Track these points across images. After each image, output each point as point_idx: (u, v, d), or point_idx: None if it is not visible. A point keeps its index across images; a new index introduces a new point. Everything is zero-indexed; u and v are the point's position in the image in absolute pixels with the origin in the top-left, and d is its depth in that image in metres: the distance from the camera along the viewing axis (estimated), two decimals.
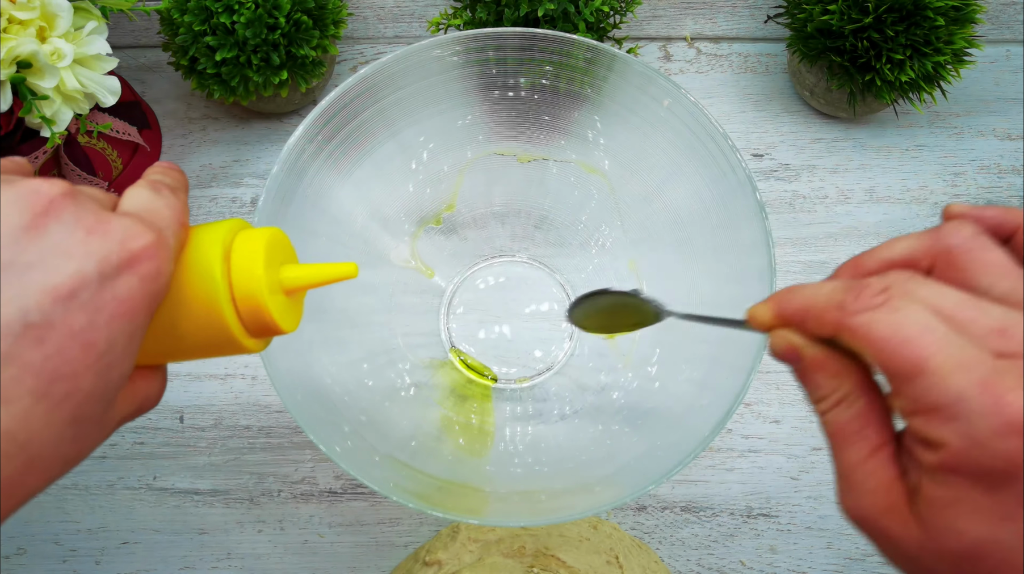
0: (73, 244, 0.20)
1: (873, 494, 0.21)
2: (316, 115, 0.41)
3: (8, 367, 0.18)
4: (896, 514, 0.20)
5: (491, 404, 0.52)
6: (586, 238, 0.53)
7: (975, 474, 0.19)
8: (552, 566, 0.47)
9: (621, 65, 0.42)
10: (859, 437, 0.21)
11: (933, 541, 0.20)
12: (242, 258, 0.25)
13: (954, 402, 0.18)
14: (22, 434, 0.19)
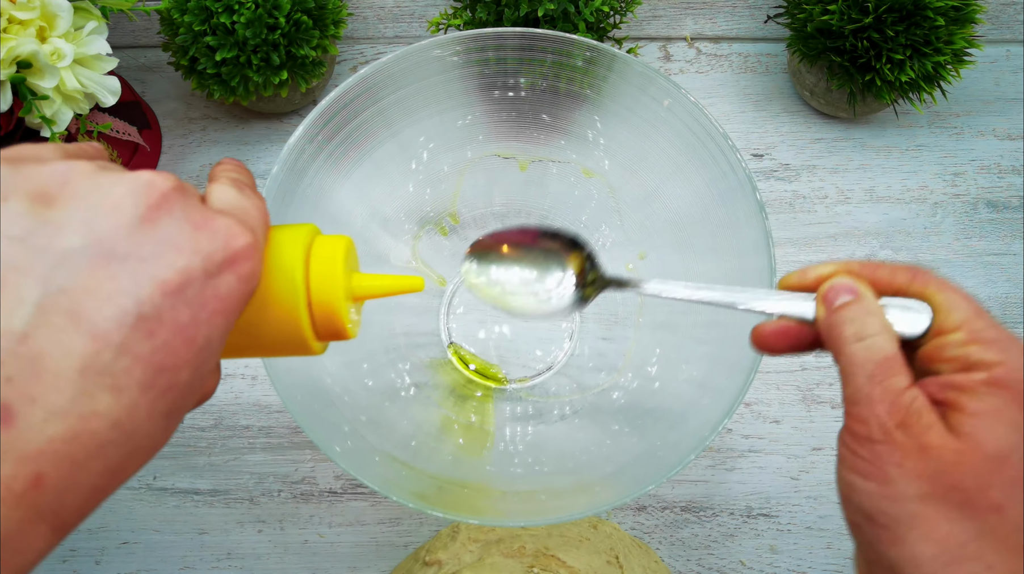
0: (182, 240, 0.20)
1: (917, 413, 0.24)
2: (316, 115, 0.41)
3: (121, 358, 0.19)
4: (936, 428, 0.23)
5: (491, 404, 0.52)
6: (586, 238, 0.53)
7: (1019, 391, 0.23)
8: (552, 566, 0.47)
9: (621, 65, 0.42)
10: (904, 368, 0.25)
11: (971, 447, 0.23)
12: (322, 264, 0.26)
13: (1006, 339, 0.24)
14: (129, 424, 0.19)
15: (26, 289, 0.18)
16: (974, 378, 0.23)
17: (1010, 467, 0.22)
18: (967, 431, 0.23)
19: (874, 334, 0.25)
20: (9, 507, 0.17)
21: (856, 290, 0.26)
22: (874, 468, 0.24)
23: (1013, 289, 0.56)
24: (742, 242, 0.41)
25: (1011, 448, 0.22)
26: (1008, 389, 0.23)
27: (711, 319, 0.44)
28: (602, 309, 0.53)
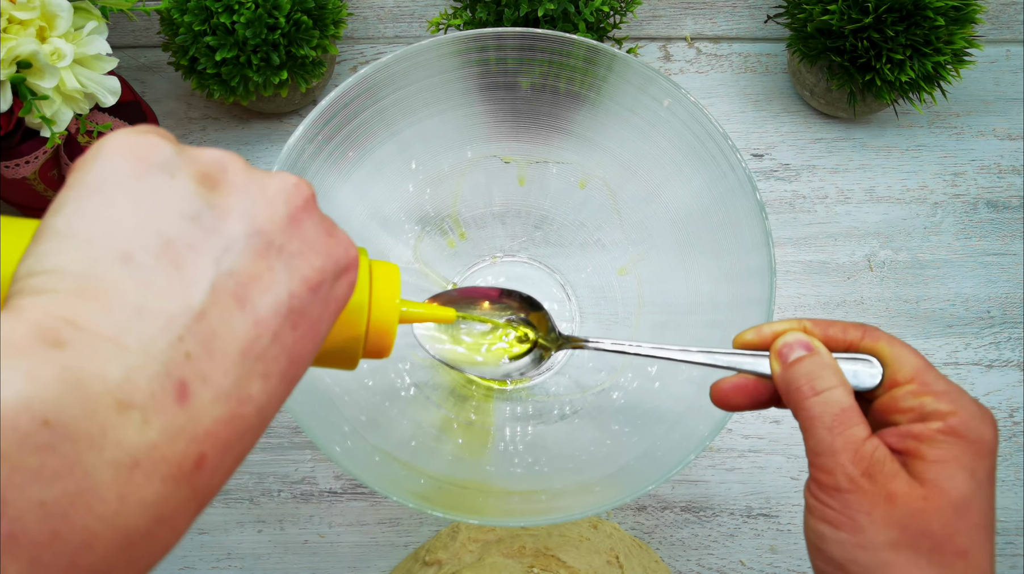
0: (320, 243, 0.21)
1: (881, 462, 0.24)
2: (316, 115, 0.41)
3: (273, 346, 0.19)
4: (901, 477, 0.24)
5: (491, 404, 0.52)
6: (586, 238, 0.53)
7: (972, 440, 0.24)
8: (552, 566, 0.47)
9: (621, 65, 0.42)
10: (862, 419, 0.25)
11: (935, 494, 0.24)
12: (383, 288, 0.28)
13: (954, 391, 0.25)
14: (267, 412, 0.20)
15: (201, 268, 0.18)
16: (931, 427, 0.24)
17: (973, 513, 0.23)
18: (930, 478, 0.24)
19: (830, 387, 0.26)
20: (177, 486, 0.17)
21: (810, 345, 0.27)
22: (844, 517, 0.25)
23: (1013, 289, 0.56)
24: (742, 242, 0.41)
25: (972, 494, 0.24)
26: (963, 438, 0.24)
27: (711, 319, 0.44)
28: (602, 309, 0.53)
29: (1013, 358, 0.55)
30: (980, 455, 0.24)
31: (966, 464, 0.24)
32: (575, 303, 0.54)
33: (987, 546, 0.24)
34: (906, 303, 0.56)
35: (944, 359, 0.55)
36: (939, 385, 0.25)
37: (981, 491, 0.24)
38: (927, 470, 0.24)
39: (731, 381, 0.30)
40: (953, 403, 0.25)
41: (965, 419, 0.24)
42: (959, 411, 0.24)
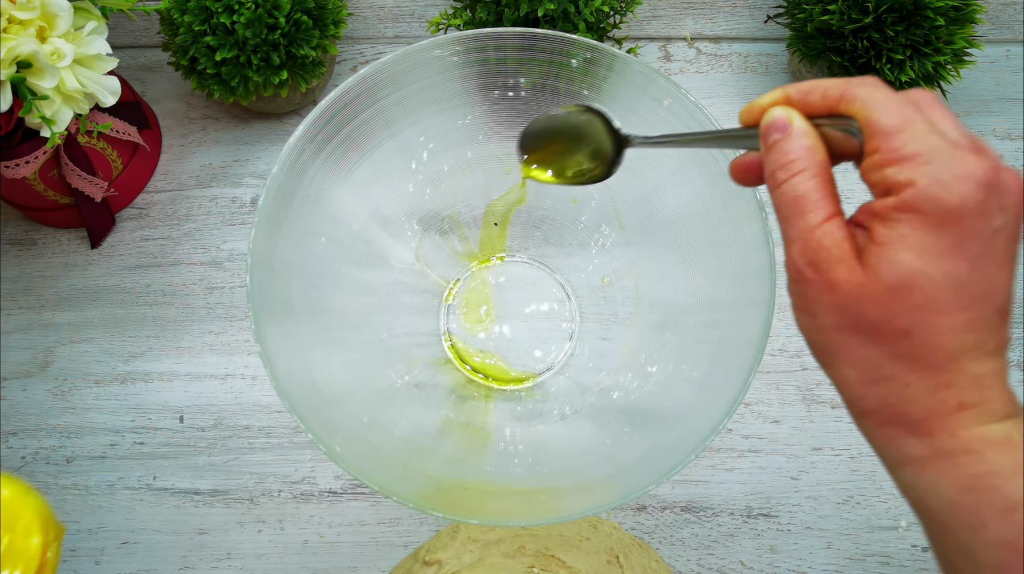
0: None
1: (827, 249, 0.24)
2: (316, 115, 0.41)
3: None
4: (843, 262, 0.24)
5: (491, 404, 0.52)
6: (586, 238, 0.53)
7: (927, 212, 0.22)
8: (552, 566, 0.47)
9: (621, 65, 0.42)
10: (819, 204, 0.24)
11: (872, 279, 0.23)
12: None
13: (928, 150, 0.22)
14: None
15: None
16: (887, 203, 0.23)
17: (914, 293, 0.22)
18: (871, 263, 0.23)
19: (788, 177, 0.25)
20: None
21: (786, 125, 0.26)
22: (803, 303, 0.25)
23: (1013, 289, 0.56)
24: (742, 242, 0.41)
25: (914, 275, 0.22)
26: (917, 211, 0.22)
27: (711, 319, 0.44)
28: (602, 309, 0.53)
29: (1013, 358, 0.55)
30: (939, 226, 0.22)
31: (914, 243, 0.22)
32: (575, 303, 0.55)
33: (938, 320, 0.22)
34: None
35: None
36: (909, 147, 0.23)
37: (936, 265, 0.22)
38: (871, 254, 0.23)
39: (743, 159, 0.29)
40: (918, 169, 0.22)
41: (924, 189, 0.22)
42: (919, 180, 0.22)
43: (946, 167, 0.22)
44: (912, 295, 0.22)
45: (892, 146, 0.23)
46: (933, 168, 0.22)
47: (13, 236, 0.58)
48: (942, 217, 0.22)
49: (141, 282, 0.57)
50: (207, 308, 0.56)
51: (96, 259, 0.58)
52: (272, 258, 0.41)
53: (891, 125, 0.23)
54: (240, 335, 0.56)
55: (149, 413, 0.54)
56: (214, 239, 0.58)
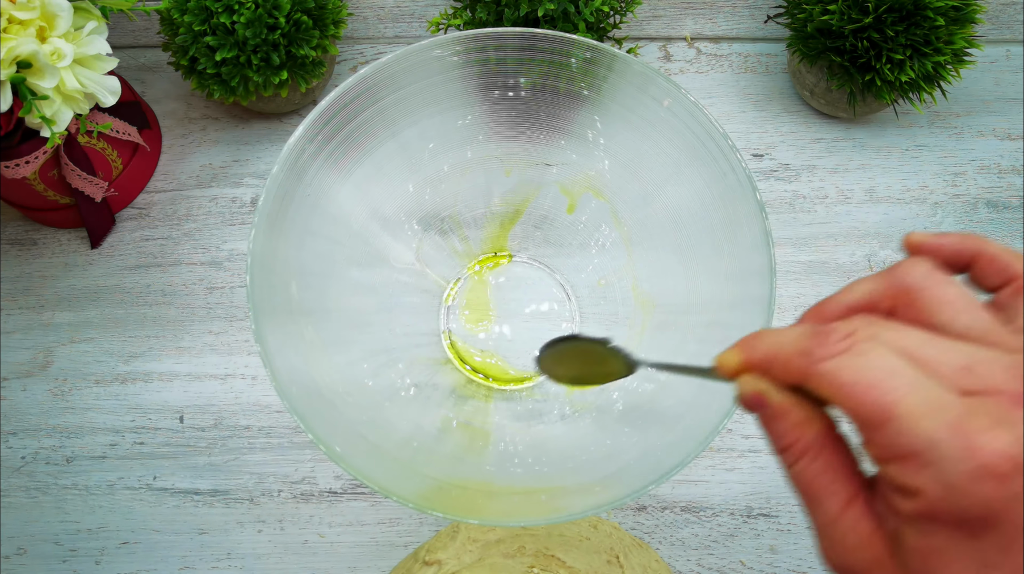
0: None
1: (855, 550, 0.20)
2: (316, 115, 0.41)
3: None
4: (881, 567, 0.20)
5: (491, 404, 0.52)
6: (586, 238, 0.53)
7: (954, 521, 0.18)
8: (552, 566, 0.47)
9: (621, 65, 0.42)
10: (830, 491, 0.21)
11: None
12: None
13: (926, 448, 0.18)
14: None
15: None
16: (906, 508, 0.19)
17: None
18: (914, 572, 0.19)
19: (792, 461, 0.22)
20: None
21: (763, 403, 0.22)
22: None
23: None
24: (742, 242, 0.41)
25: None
26: (942, 522, 0.18)
27: (711, 319, 0.44)
28: (602, 309, 0.53)
29: None
30: (975, 535, 0.18)
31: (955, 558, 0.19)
32: (575, 303, 0.54)
33: None
34: None
35: None
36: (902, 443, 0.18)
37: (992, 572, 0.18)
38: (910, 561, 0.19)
39: None
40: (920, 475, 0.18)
41: (937, 501, 0.18)
42: (927, 489, 0.18)
43: (954, 467, 0.18)
44: None
45: (883, 441, 0.19)
46: (938, 472, 0.18)
47: (13, 236, 0.58)
48: (972, 527, 0.18)
49: (141, 282, 0.57)
50: (207, 308, 0.56)
51: (96, 259, 0.58)
52: (272, 258, 0.41)
53: (870, 416, 0.19)
54: (240, 335, 0.56)
55: (149, 413, 0.54)
56: (214, 239, 0.58)
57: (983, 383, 0.19)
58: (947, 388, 0.19)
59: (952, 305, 0.21)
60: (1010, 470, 0.17)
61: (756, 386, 0.22)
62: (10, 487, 0.53)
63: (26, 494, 0.53)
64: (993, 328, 0.20)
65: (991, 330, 0.20)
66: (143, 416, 0.54)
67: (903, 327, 0.20)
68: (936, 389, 0.18)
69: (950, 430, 0.18)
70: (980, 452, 0.17)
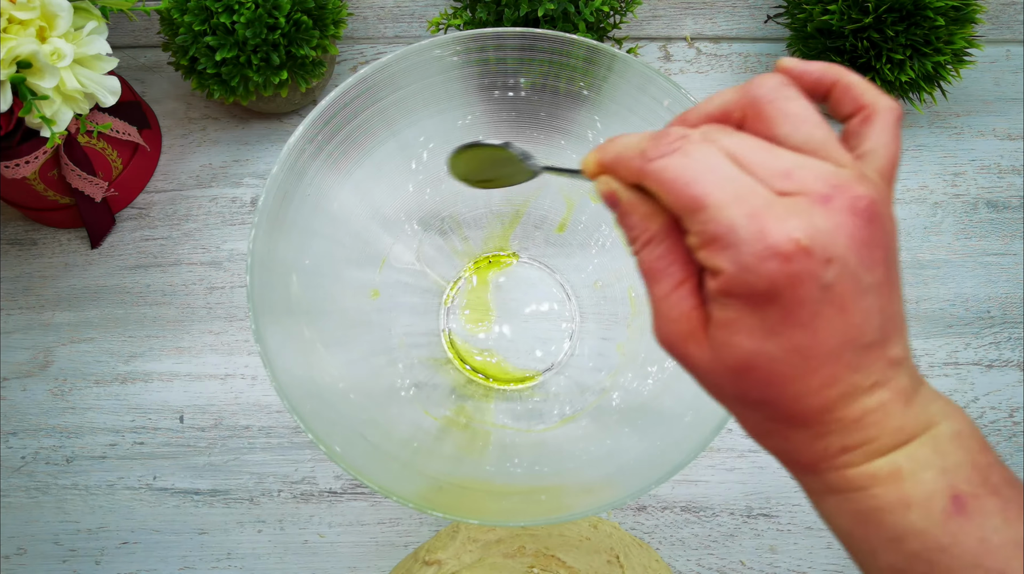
0: None
1: (676, 322, 0.23)
2: (316, 115, 0.41)
3: None
4: (693, 337, 0.23)
5: (491, 404, 0.52)
6: (586, 238, 0.53)
7: (745, 296, 0.21)
8: (552, 566, 0.47)
9: (621, 65, 0.42)
10: (665, 273, 0.23)
11: (718, 358, 0.22)
12: None
13: (727, 232, 0.21)
14: None
15: None
16: (710, 286, 0.22)
17: (757, 371, 0.22)
18: (714, 343, 0.22)
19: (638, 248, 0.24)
20: None
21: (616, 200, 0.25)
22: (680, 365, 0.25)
23: (1013, 289, 0.56)
24: None
25: (751, 355, 0.22)
26: (735, 296, 0.21)
27: None
28: (602, 309, 0.53)
29: (1013, 358, 0.55)
30: (760, 307, 0.21)
31: (743, 325, 0.21)
32: (575, 303, 0.55)
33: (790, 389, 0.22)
34: (906, 303, 0.56)
35: (944, 359, 0.55)
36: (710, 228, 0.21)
37: (771, 342, 0.21)
38: (712, 334, 0.22)
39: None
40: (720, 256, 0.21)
41: (732, 276, 0.21)
42: (725, 267, 0.21)
43: (747, 248, 0.20)
44: (755, 373, 0.22)
45: (696, 228, 0.21)
46: (734, 252, 0.21)
47: (13, 236, 0.58)
48: (758, 300, 0.21)
49: (141, 282, 0.57)
50: (207, 308, 0.56)
51: (96, 259, 0.58)
52: (272, 258, 0.41)
53: (685, 205, 0.22)
54: (240, 335, 0.56)
55: (149, 413, 0.54)
56: (214, 239, 0.58)
57: (796, 186, 0.21)
58: (761, 186, 0.21)
59: (794, 118, 0.22)
60: (793, 252, 0.20)
61: (609, 185, 0.25)
62: (10, 487, 0.53)
63: (26, 494, 0.53)
64: (828, 143, 0.22)
65: (825, 145, 0.22)
66: (143, 416, 0.54)
67: (741, 135, 0.22)
68: (749, 186, 0.21)
69: (748, 218, 0.20)
70: (769, 236, 0.20)
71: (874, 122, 0.24)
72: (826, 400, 0.22)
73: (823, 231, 0.20)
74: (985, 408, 0.54)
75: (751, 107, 0.23)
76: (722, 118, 0.24)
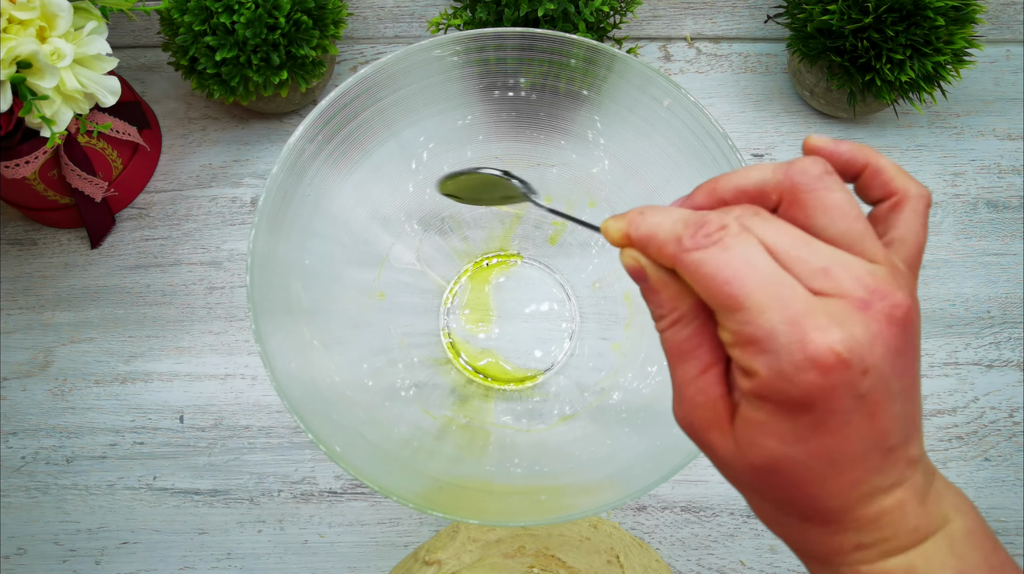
0: None
1: (701, 408, 0.23)
2: (316, 115, 0.41)
3: None
4: (718, 427, 0.23)
5: (491, 404, 0.52)
6: (586, 238, 0.53)
7: (779, 402, 0.21)
8: (552, 566, 0.47)
9: (621, 65, 0.42)
10: (692, 355, 0.23)
11: (743, 454, 0.22)
12: None
13: (765, 337, 0.20)
14: None
15: None
16: (743, 385, 0.22)
17: (781, 474, 0.22)
18: (739, 439, 0.22)
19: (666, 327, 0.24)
20: None
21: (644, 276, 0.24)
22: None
23: (1013, 289, 0.56)
24: None
25: (777, 459, 0.22)
26: (768, 401, 0.21)
27: None
28: (602, 309, 0.53)
29: (1013, 358, 0.55)
30: (793, 415, 0.21)
31: (773, 429, 0.21)
32: (575, 303, 0.55)
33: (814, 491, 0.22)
34: None
35: (944, 359, 0.55)
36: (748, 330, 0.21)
37: (799, 448, 0.21)
38: (739, 430, 0.22)
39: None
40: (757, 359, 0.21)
41: (767, 382, 0.21)
42: (761, 371, 0.21)
43: (786, 356, 0.20)
44: (780, 476, 0.22)
45: (732, 327, 0.21)
46: (772, 359, 0.20)
47: (13, 236, 0.58)
48: (792, 407, 0.21)
49: (141, 282, 0.57)
50: (207, 308, 0.56)
51: (96, 259, 0.58)
52: (272, 258, 0.41)
53: (723, 303, 0.21)
54: (240, 335, 0.56)
55: (149, 413, 0.54)
56: (214, 239, 0.58)
57: (835, 286, 0.21)
58: (799, 286, 0.21)
59: (833, 210, 0.22)
60: (833, 364, 0.20)
61: (638, 261, 0.24)
62: (10, 487, 0.53)
63: (26, 494, 0.53)
64: (865, 238, 0.22)
65: (862, 240, 0.22)
66: (143, 416, 0.54)
67: (779, 225, 0.22)
68: (788, 286, 0.21)
69: (788, 324, 0.20)
70: (810, 346, 0.20)
71: (903, 209, 0.24)
72: (847, 501, 0.22)
73: (861, 342, 0.20)
74: (985, 408, 0.54)
75: (790, 192, 0.23)
76: (758, 197, 0.23)
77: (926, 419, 0.54)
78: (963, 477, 0.53)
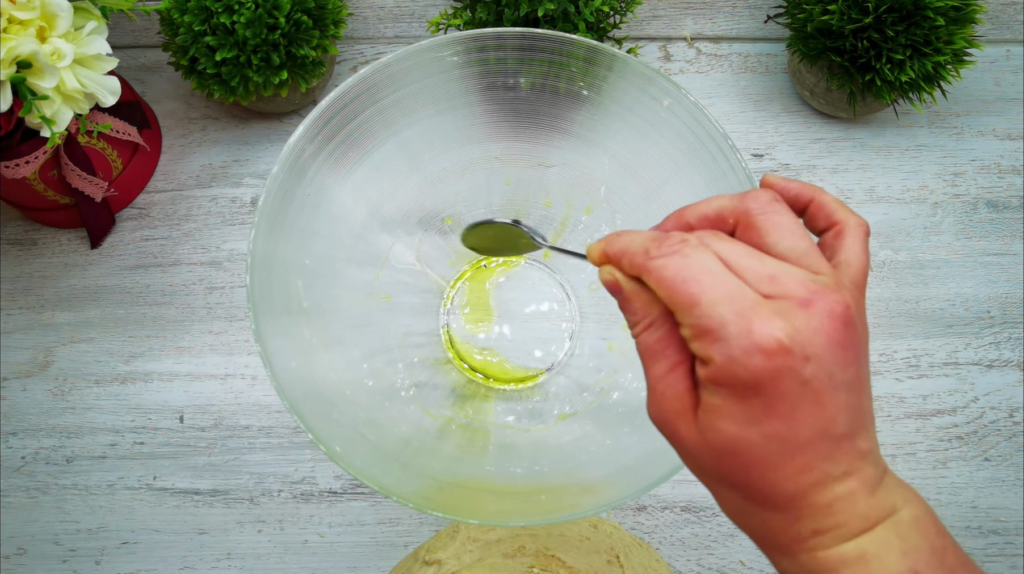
0: None
1: (670, 401, 0.25)
2: (316, 115, 0.41)
3: None
4: (683, 417, 0.25)
5: (491, 404, 0.52)
6: (586, 238, 0.53)
7: (731, 385, 0.23)
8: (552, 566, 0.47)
9: (621, 65, 0.42)
10: (662, 355, 0.26)
11: (703, 438, 0.25)
12: None
13: (718, 327, 0.23)
14: None
15: None
16: (701, 373, 0.24)
17: (738, 456, 0.24)
18: (701, 426, 0.25)
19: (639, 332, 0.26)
20: None
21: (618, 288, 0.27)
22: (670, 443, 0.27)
23: (1013, 289, 0.56)
24: None
25: (734, 440, 0.24)
26: (722, 385, 0.23)
27: None
28: (602, 309, 0.53)
29: (1013, 358, 0.55)
30: (744, 397, 0.23)
31: (728, 412, 0.24)
32: (575, 303, 0.54)
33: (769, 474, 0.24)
34: (906, 303, 0.56)
35: (944, 359, 0.55)
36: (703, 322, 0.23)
37: (752, 430, 0.23)
38: (700, 417, 0.25)
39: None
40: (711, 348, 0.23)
41: (720, 367, 0.23)
42: (714, 358, 0.23)
43: (735, 342, 0.23)
44: (737, 457, 0.24)
45: (690, 321, 0.24)
46: (723, 346, 0.23)
47: (13, 236, 0.58)
48: (743, 390, 0.23)
49: (141, 282, 0.57)
50: (207, 308, 0.56)
51: (96, 259, 0.58)
52: (272, 258, 0.41)
53: (681, 302, 0.24)
54: (240, 335, 0.56)
55: (149, 413, 0.54)
56: (214, 239, 0.58)
57: (780, 290, 0.23)
58: (748, 289, 0.23)
59: (781, 229, 0.25)
60: (776, 349, 0.22)
61: (613, 275, 0.27)
62: (10, 487, 0.53)
63: (26, 494, 0.53)
64: (810, 253, 0.25)
65: (808, 254, 0.25)
66: (143, 416, 0.54)
67: (733, 242, 0.25)
68: (738, 287, 0.23)
69: (737, 315, 0.23)
70: (755, 333, 0.23)
71: (845, 237, 0.27)
72: (800, 486, 0.24)
73: (803, 332, 0.23)
74: (985, 408, 0.54)
75: (744, 216, 0.26)
76: (717, 222, 0.27)
77: (926, 419, 0.54)
78: (963, 477, 0.53)
